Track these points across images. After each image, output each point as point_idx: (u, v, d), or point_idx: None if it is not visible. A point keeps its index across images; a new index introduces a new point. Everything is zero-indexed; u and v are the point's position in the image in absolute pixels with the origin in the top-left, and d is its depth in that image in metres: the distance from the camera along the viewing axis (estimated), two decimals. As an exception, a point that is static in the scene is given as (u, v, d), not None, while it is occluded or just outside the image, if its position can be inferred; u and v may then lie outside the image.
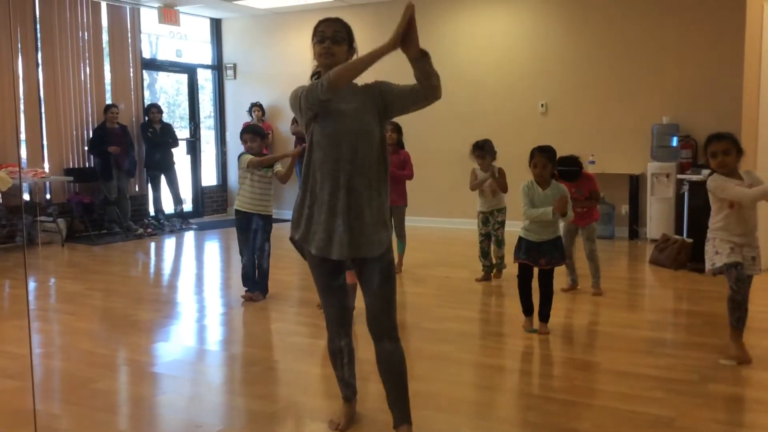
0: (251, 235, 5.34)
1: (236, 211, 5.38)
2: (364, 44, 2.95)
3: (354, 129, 2.78)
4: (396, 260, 6.37)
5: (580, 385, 3.58)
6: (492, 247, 6.03)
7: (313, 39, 2.88)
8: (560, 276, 5.80)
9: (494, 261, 6.07)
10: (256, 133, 5.33)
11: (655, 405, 3.26)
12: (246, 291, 5.44)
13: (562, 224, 5.30)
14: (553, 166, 4.49)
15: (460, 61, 9.19)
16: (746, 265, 3.84)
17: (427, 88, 2.68)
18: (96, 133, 9.02)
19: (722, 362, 3.85)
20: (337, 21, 2.88)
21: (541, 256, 4.43)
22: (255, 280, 5.44)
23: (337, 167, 2.77)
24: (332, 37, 2.84)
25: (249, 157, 5.25)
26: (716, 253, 3.89)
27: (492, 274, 6.08)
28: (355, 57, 2.91)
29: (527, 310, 4.56)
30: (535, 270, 4.52)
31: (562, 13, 8.64)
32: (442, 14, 9.24)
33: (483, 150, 5.90)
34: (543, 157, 4.43)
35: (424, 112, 2.92)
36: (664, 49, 8.05)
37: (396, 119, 5.93)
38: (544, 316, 4.51)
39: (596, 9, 8.42)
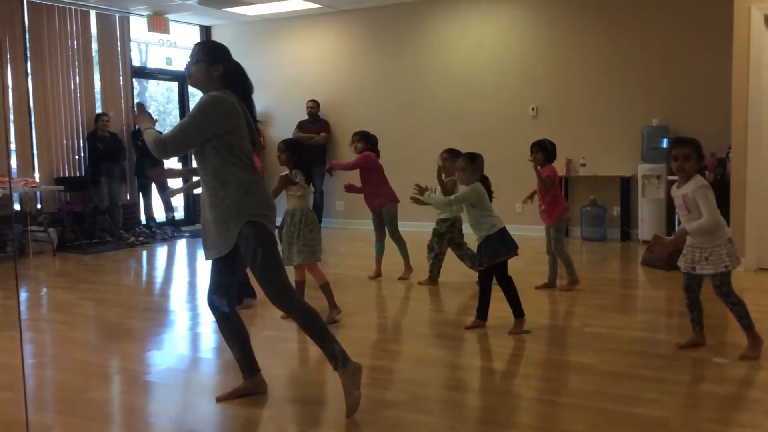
0: None
1: None
2: (353, 49, 2.94)
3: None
4: (404, 267, 6.18)
5: (573, 387, 3.58)
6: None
7: None
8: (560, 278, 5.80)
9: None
10: None
11: (649, 406, 3.27)
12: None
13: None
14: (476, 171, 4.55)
15: (449, 63, 9.20)
16: (698, 267, 3.91)
17: None
18: (89, 141, 9.03)
19: (715, 361, 3.86)
20: (196, 44, 3.29)
21: (481, 255, 4.51)
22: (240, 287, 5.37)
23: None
24: (191, 60, 3.22)
25: None
26: None
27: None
28: (220, 71, 3.22)
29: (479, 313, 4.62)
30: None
31: (552, 17, 8.67)
32: (432, 17, 9.24)
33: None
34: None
35: (414, 115, 2.93)
36: (653, 51, 8.10)
37: (374, 126, 5.83)
38: (515, 313, 4.54)
39: (586, 12, 8.46)
